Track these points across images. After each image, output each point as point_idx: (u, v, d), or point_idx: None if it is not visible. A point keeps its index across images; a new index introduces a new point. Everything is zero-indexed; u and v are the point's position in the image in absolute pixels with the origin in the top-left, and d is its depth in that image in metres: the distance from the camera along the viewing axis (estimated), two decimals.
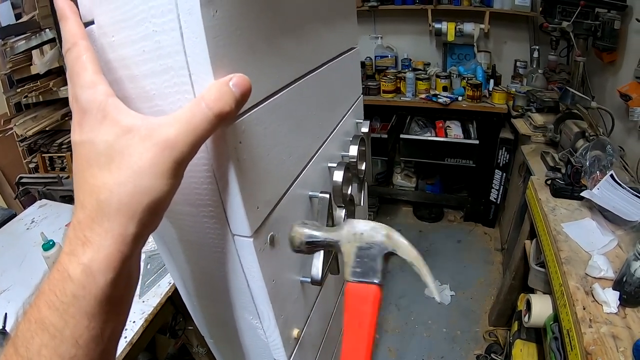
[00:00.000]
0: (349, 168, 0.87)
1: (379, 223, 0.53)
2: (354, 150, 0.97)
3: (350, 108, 1.06)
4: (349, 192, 0.90)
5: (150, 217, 0.38)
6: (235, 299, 0.68)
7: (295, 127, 0.68)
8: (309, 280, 0.76)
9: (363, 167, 1.07)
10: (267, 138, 0.57)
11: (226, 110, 0.39)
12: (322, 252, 0.75)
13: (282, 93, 0.61)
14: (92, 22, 0.46)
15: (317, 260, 0.76)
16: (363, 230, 0.52)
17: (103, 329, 0.37)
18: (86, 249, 0.36)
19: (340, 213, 0.86)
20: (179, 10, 0.41)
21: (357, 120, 1.13)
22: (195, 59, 0.43)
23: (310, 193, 0.77)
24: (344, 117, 0.99)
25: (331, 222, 0.81)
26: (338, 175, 0.82)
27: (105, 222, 0.36)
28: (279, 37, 0.60)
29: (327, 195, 0.76)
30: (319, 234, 0.55)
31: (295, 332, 0.78)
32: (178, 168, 0.38)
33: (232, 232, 0.56)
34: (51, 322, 0.35)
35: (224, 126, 0.46)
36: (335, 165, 0.85)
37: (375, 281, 0.51)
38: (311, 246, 0.57)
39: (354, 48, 1.08)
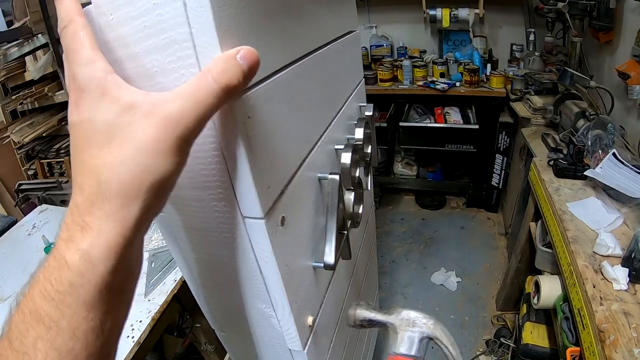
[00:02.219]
0: (356, 150, 0.85)
1: (427, 314, 0.70)
2: (359, 132, 0.96)
3: (353, 91, 1.05)
4: (357, 174, 0.89)
5: (155, 198, 0.36)
6: (246, 287, 0.66)
7: (301, 106, 0.67)
8: (322, 265, 0.75)
9: (369, 150, 1.06)
10: (275, 115, 0.56)
11: (233, 84, 0.37)
12: (333, 235, 0.74)
13: (287, 70, 0.60)
14: (89, 3, 0.44)
15: (329, 245, 0.75)
16: (415, 318, 0.69)
17: (103, 320, 0.35)
18: (85, 234, 0.34)
19: (350, 196, 0.84)
20: None
21: (361, 104, 1.12)
22: (200, 29, 0.41)
23: (319, 175, 0.75)
24: (347, 100, 0.98)
25: (342, 205, 0.80)
26: (346, 157, 0.81)
27: (106, 205, 0.34)
28: (280, 14, 0.59)
29: (337, 177, 0.74)
30: (376, 316, 0.74)
31: (309, 319, 0.77)
32: (183, 145, 0.36)
33: (242, 215, 0.55)
34: (46, 313, 0.33)
35: (231, 101, 0.44)
36: (342, 147, 0.83)
37: (416, 356, 0.67)
38: (367, 323, 0.75)
39: (354, 31, 1.07)
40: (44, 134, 3.17)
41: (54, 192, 2.59)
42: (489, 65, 3.17)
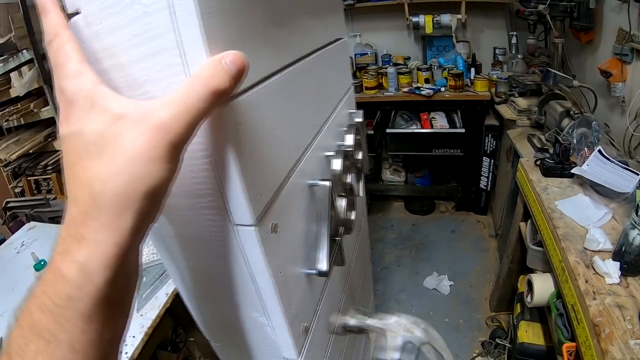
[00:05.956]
0: (347, 157, 0.85)
1: (419, 319, 0.71)
2: (350, 139, 0.96)
3: (343, 98, 1.06)
4: (349, 180, 0.89)
5: (149, 207, 0.35)
6: (240, 295, 0.66)
7: (292, 112, 0.67)
8: (316, 272, 0.74)
9: (360, 157, 1.06)
10: (265, 121, 0.55)
11: (222, 88, 0.37)
12: (326, 242, 0.74)
13: (277, 77, 0.60)
14: (77, 13, 0.44)
15: (322, 252, 0.74)
16: (406, 323, 0.70)
17: (102, 332, 0.35)
18: (81, 246, 0.33)
19: (342, 202, 0.84)
20: None
21: (350, 111, 1.12)
22: (188, 37, 0.41)
23: (310, 181, 0.75)
24: (337, 106, 0.98)
25: (334, 211, 0.79)
26: (337, 164, 0.81)
27: (101, 216, 0.33)
28: (268, 22, 0.59)
29: (328, 183, 0.74)
30: (369, 322, 0.75)
31: (304, 326, 0.76)
32: (175, 151, 0.36)
33: (233, 222, 0.54)
34: (45, 327, 0.33)
35: (220, 106, 0.44)
36: (333, 153, 0.83)
37: None
38: (360, 329, 0.76)
39: (342, 39, 1.07)
40: (30, 151, 3.13)
41: (42, 209, 2.56)
42: (472, 70, 3.22)
